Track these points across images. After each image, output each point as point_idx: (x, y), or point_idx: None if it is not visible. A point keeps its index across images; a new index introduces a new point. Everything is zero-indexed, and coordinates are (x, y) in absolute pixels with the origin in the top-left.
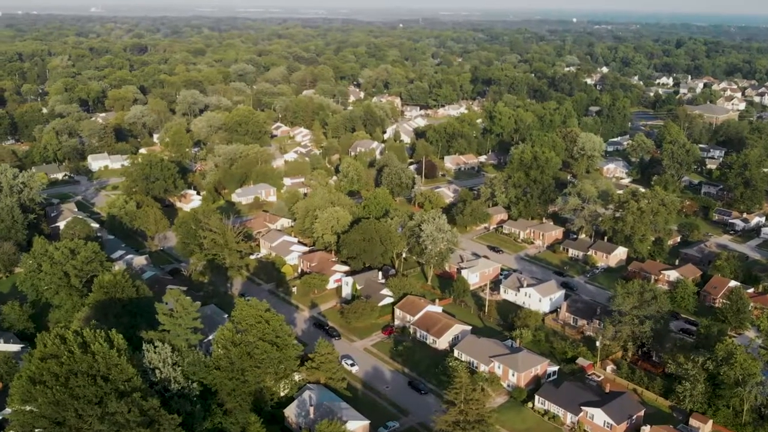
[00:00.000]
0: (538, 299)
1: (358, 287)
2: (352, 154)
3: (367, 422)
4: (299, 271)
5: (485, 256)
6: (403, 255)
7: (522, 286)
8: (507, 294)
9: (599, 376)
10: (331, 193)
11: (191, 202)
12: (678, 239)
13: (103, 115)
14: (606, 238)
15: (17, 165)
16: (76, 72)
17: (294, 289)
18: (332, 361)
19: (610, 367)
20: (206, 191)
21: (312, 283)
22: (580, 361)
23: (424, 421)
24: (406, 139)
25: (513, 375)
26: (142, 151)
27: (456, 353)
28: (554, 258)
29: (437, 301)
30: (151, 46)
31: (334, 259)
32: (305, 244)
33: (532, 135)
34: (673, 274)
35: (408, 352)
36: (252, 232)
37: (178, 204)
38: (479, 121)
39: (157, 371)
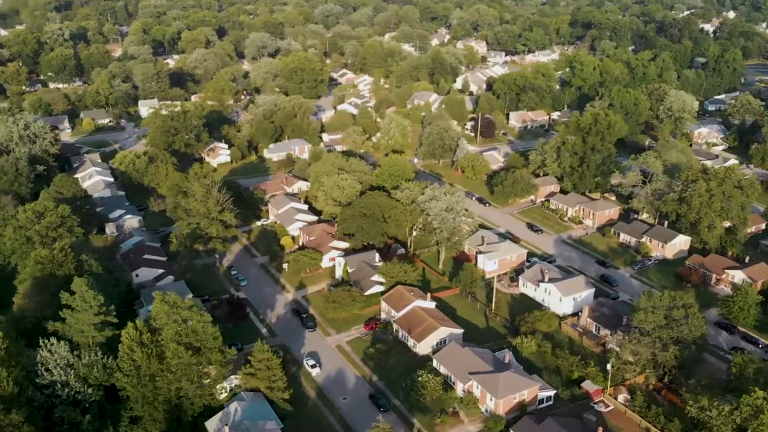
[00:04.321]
0: (559, 298)
1: (350, 270)
2: (409, 107)
3: None
4: (300, 244)
5: (514, 238)
6: (414, 233)
7: (543, 280)
8: (526, 288)
9: (607, 406)
10: (338, 157)
11: (218, 157)
12: (762, 227)
13: (177, 57)
14: (666, 223)
15: (69, 109)
16: (161, 12)
17: (285, 266)
18: (273, 368)
19: (622, 396)
20: (236, 146)
21: (302, 261)
22: (587, 385)
23: None
24: (477, 90)
25: (491, 400)
26: (194, 98)
27: (435, 363)
28: (602, 243)
29: (429, 295)
30: None
31: (334, 235)
32: (319, 214)
33: (611, 91)
34: (738, 275)
35: (382, 355)
36: (264, 195)
37: (207, 159)
38: (558, 72)
39: (48, 373)
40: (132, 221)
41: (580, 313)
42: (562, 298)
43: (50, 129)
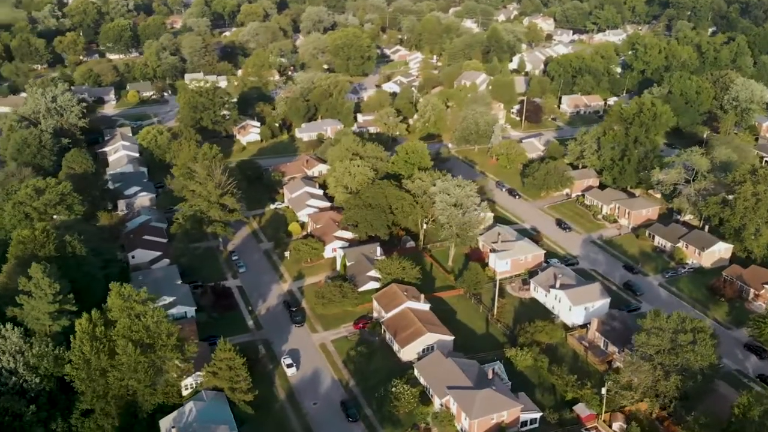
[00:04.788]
0: (568, 307)
1: (348, 263)
2: (456, 87)
3: None
4: (307, 231)
5: (535, 237)
6: (424, 226)
7: (554, 286)
8: (537, 293)
9: None
10: (354, 141)
11: (248, 135)
12: None
13: (235, 30)
14: (707, 227)
15: (117, 80)
16: None
17: (287, 254)
18: (235, 368)
19: (618, 425)
20: (266, 124)
21: (303, 250)
22: (579, 408)
23: None
24: (534, 70)
25: (466, 419)
26: (239, 73)
27: (416, 372)
28: (634, 245)
29: (422, 297)
30: None
31: (340, 224)
32: (333, 200)
33: (671, 77)
34: None
35: (365, 357)
36: (281, 177)
37: (238, 137)
38: (620, 55)
39: None
40: (143, 199)
41: (588, 325)
42: (572, 307)
43: (84, 101)
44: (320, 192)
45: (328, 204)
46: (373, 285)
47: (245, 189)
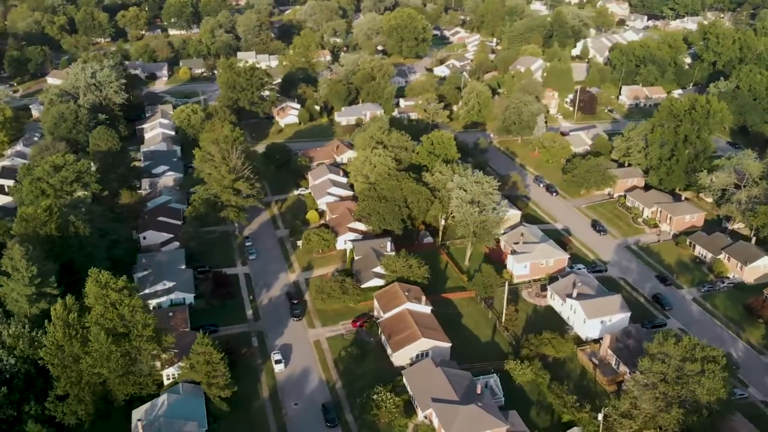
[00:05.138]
0: (583, 319)
1: (356, 257)
2: (509, 72)
3: None
4: (325, 220)
5: (562, 240)
6: (443, 222)
7: (571, 295)
8: (554, 301)
9: None
10: (379, 129)
11: (287, 117)
12: None
13: (294, 8)
14: (754, 239)
15: (172, 56)
16: None
17: (299, 243)
18: (213, 363)
19: None
20: (306, 106)
21: (313, 240)
22: None
23: None
24: (598, 58)
25: None
26: (291, 52)
27: (405, 379)
28: (672, 254)
29: (424, 299)
30: None
31: (353, 215)
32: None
33: (740, 70)
34: None
35: (356, 359)
36: (309, 162)
37: (277, 118)
38: (691, 45)
39: None
40: (168, 179)
41: (601, 341)
42: (587, 320)
43: (136, 77)
44: (344, 180)
45: (350, 193)
46: (376, 282)
47: (272, 173)
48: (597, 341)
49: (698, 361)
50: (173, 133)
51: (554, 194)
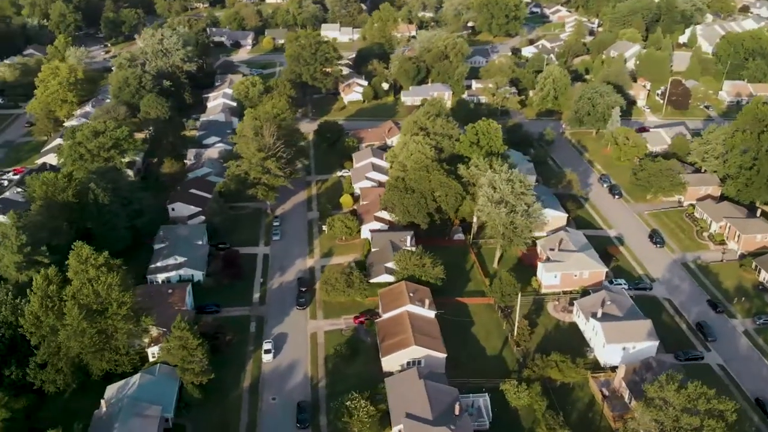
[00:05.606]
0: (602, 343)
1: (373, 249)
2: (603, 58)
3: None
4: (358, 205)
5: (611, 249)
6: (475, 219)
7: (596, 315)
8: (579, 318)
9: None
10: (424, 114)
11: (351, 93)
12: None
13: None
14: None
15: (259, 25)
16: None
17: (324, 228)
18: (189, 348)
19: None
20: (372, 84)
21: (336, 227)
22: None
23: None
24: (707, 47)
25: None
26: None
27: (387, 388)
28: (733, 277)
29: (429, 302)
30: None
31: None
32: None
33: None
34: None
35: (347, 358)
36: (357, 143)
37: (342, 94)
38: None
39: None
40: (213, 151)
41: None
42: (606, 344)
43: (221, 44)
44: (386, 165)
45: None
46: (386, 278)
47: (322, 151)
48: (615, 369)
49: (701, 414)
50: (234, 104)
51: (617, 197)
